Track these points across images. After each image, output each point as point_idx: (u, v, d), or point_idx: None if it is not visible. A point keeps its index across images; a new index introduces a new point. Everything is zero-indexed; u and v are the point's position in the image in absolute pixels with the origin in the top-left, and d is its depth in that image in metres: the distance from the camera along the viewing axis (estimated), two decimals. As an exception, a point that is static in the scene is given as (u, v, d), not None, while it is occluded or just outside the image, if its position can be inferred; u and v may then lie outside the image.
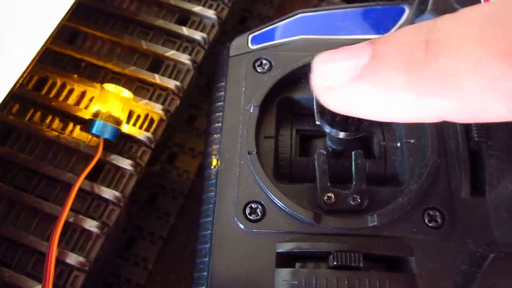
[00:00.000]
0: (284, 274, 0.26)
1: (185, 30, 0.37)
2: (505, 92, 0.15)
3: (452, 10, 0.30)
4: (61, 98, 0.35)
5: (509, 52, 0.15)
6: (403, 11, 0.34)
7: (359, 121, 0.23)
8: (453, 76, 0.16)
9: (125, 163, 0.32)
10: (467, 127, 0.29)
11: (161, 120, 0.34)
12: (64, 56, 0.36)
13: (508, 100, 0.16)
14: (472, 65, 0.15)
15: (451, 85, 0.16)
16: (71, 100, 0.35)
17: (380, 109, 0.18)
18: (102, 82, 0.35)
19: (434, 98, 0.17)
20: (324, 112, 0.24)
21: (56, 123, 0.34)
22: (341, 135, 0.24)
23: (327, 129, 0.25)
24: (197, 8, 0.38)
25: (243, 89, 0.32)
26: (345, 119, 0.23)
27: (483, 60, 0.15)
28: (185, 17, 0.39)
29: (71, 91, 0.35)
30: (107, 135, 0.32)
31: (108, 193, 0.32)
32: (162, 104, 0.35)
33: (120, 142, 0.34)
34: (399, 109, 0.18)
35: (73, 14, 0.31)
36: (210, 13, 0.38)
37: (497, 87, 0.15)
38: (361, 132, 0.24)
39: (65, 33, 0.37)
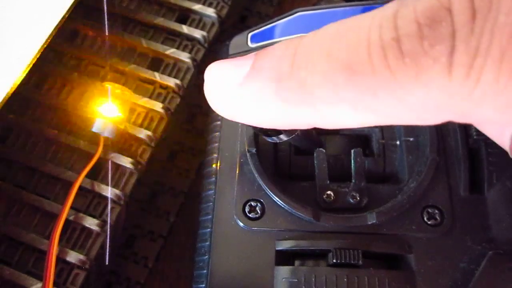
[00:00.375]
0: (283, 271, 0.27)
1: (185, 29, 0.37)
2: (351, 100, 0.17)
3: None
4: (61, 97, 0.35)
5: (349, 64, 0.17)
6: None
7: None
8: (309, 87, 0.18)
9: (125, 161, 0.32)
10: (466, 125, 0.29)
11: (161, 118, 0.35)
12: (64, 54, 0.36)
13: (355, 108, 0.17)
14: (322, 77, 0.17)
15: (308, 95, 0.18)
16: (71, 99, 0.35)
17: (256, 116, 0.20)
18: (102, 81, 0.35)
19: (298, 107, 0.18)
20: None
21: (56, 122, 0.34)
22: (281, 138, 0.25)
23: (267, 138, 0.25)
24: (197, 7, 0.38)
25: (243, 87, 0.32)
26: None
27: (329, 72, 0.17)
28: (185, 16, 0.39)
29: (71, 90, 0.35)
30: (107, 134, 0.32)
31: (109, 191, 0.32)
32: (163, 102, 0.35)
33: (120, 140, 0.34)
34: (272, 117, 0.20)
35: (73, 12, 0.31)
36: (210, 11, 0.38)
37: (343, 96, 0.17)
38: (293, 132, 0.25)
39: (65, 31, 0.37)
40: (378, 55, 0.16)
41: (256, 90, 0.19)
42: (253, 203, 0.29)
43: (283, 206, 0.28)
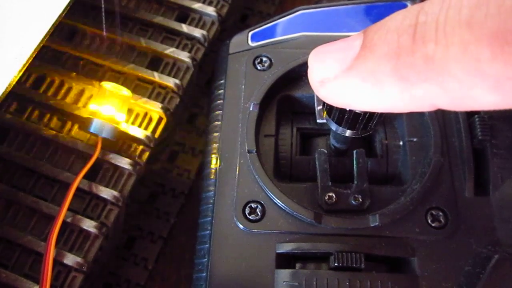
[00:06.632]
0: (284, 275, 0.26)
1: (184, 28, 0.37)
2: (495, 77, 0.14)
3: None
4: (59, 97, 0.34)
5: (499, 34, 0.14)
6: (405, 7, 0.33)
7: (368, 120, 0.23)
8: (441, 61, 0.15)
9: (124, 163, 0.32)
10: (471, 125, 0.29)
11: (160, 118, 0.34)
12: (62, 53, 0.36)
13: (498, 86, 0.15)
14: (460, 50, 0.15)
15: (439, 71, 0.15)
16: (70, 99, 0.34)
17: (372, 100, 0.18)
18: (100, 80, 0.35)
19: (423, 86, 0.16)
20: (332, 109, 0.23)
21: (54, 122, 0.34)
22: (348, 133, 0.24)
23: (333, 127, 0.24)
24: (197, 5, 0.37)
25: (243, 87, 0.32)
26: (354, 117, 0.23)
27: (471, 44, 0.14)
28: (184, 14, 0.38)
29: (69, 89, 0.35)
30: (105, 134, 0.32)
31: (107, 192, 0.31)
32: (162, 102, 0.34)
33: (119, 141, 0.33)
34: (389, 99, 0.17)
35: (71, 11, 0.31)
36: (210, 10, 0.37)
37: (486, 72, 0.14)
38: (369, 131, 0.24)
39: (63, 30, 0.37)
40: None
41: (370, 71, 0.17)
42: (253, 205, 0.28)
43: (283, 208, 0.28)
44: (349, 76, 0.18)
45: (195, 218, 0.31)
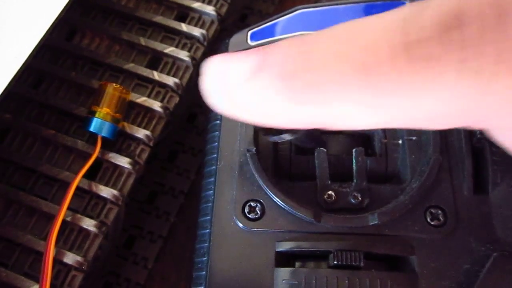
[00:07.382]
0: (283, 273, 0.26)
1: (184, 27, 0.37)
2: (361, 101, 0.17)
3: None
4: (58, 96, 0.34)
5: (362, 65, 0.16)
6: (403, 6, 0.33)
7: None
8: (319, 86, 0.17)
9: (124, 162, 0.32)
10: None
11: (160, 117, 0.34)
12: (62, 53, 0.36)
13: (364, 109, 0.17)
14: (333, 77, 0.17)
15: (317, 94, 0.18)
16: (69, 98, 0.34)
17: (261, 114, 0.20)
18: (100, 79, 0.35)
19: (305, 106, 0.18)
20: None
21: (54, 121, 0.34)
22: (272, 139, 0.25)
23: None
24: (196, 4, 0.37)
25: (242, 86, 0.32)
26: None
27: (341, 73, 0.17)
28: (184, 14, 0.38)
29: (68, 89, 0.35)
30: (105, 133, 0.32)
31: (106, 192, 0.31)
32: (161, 101, 0.34)
33: (118, 140, 0.33)
34: (277, 115, 0.19)
35: (71, 10, 0.31)
36: (210, 9, 0.37)
37: (353, 97, 0.17)
38: (289, 133, 0.24)
39: (63, 29, 0.37)
40: (389, 59, 0.16)
41: (264, 87, 0.19)
42: (252, 204, 0.28)
43: (283, 206, 0.28)
44: (243, 89, 0.19)
45: (195, 217, 0.31)
